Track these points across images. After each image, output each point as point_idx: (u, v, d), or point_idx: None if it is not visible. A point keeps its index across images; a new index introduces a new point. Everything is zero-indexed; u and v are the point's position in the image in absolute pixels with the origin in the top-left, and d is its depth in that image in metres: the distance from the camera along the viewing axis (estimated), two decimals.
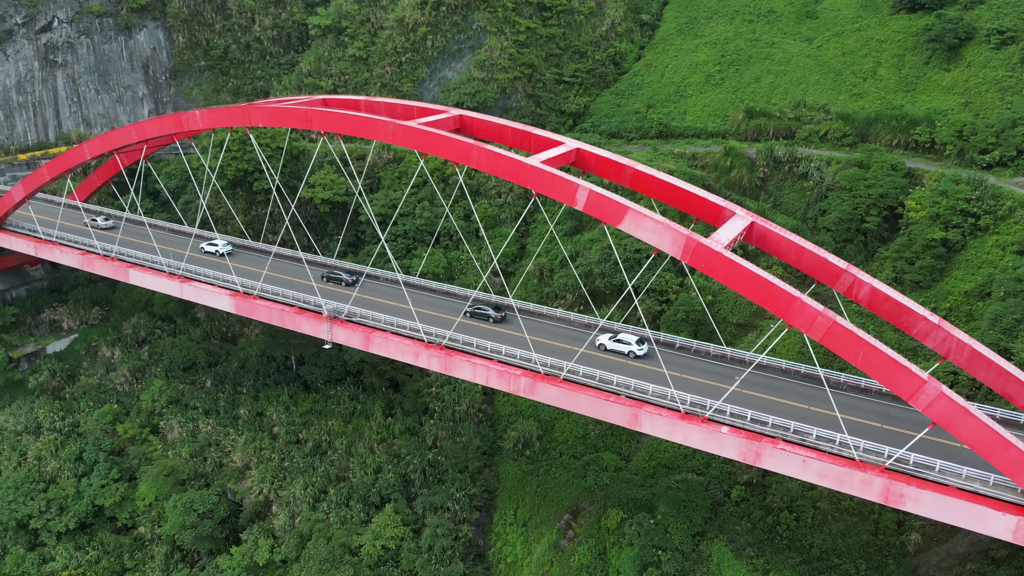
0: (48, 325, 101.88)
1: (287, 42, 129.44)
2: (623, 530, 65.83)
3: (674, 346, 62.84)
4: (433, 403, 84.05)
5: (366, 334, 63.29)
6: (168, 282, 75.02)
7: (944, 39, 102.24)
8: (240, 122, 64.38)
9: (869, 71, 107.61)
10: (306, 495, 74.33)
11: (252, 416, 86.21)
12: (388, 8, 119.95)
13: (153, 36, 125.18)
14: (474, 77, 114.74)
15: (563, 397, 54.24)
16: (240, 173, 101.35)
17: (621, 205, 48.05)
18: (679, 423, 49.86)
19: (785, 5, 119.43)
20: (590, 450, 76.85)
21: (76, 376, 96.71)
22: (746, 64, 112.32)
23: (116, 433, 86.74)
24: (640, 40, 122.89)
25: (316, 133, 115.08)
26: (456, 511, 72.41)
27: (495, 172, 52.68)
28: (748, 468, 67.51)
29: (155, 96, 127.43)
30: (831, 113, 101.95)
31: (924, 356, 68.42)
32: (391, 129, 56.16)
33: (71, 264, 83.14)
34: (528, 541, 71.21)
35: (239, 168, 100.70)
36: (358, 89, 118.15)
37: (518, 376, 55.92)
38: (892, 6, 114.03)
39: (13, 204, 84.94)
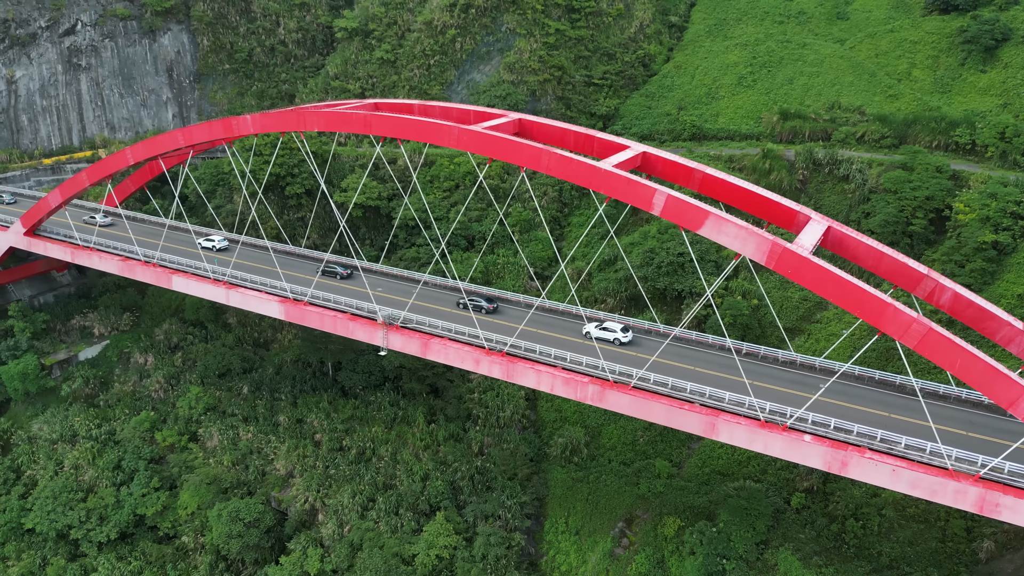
0: (79, 331, 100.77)
1: (312, 45, 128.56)
2: (682, 538, 64.97)
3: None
4: (476, 409, 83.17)
5: (424, 341, 62.38)
6: (213, 288, 74.03)
7: (980, 40, 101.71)
8: (294, 127, 63.43)
9: (903, 72, 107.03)
10: (354, 503, 73.35)
11: (292, 423, 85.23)
12: (415, 11, 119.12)
13: (177, 39, 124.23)
14: (503, 80, 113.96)
15: (634, 406, 53.37)
16: (272, 178, 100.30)
17: (702, 210, 47.25)
18: (759, 432, 49.04)
19: (816, 6, 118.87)
20: (640, 457, 76.02)
21: (109, 383, 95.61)
22: (778, 66, 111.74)
23: (155, 441, 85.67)
24: (668, 42, 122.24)
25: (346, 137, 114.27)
26: (508, 519, 71.51)
27: (566, 176, 51.82)
28: (808, 475, 66.75)
29: (179, 100, 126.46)
30: (867, 115, 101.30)
31: None
32: (456, 134, 55.30)
33: (110, 270, 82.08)
34: (582, 549, 70.32)
35: (272, 172, 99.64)
36: (386, 92, 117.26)
37: (585, 384, 55.05)
38: (924, 7, 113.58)
39: (49, 210, 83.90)
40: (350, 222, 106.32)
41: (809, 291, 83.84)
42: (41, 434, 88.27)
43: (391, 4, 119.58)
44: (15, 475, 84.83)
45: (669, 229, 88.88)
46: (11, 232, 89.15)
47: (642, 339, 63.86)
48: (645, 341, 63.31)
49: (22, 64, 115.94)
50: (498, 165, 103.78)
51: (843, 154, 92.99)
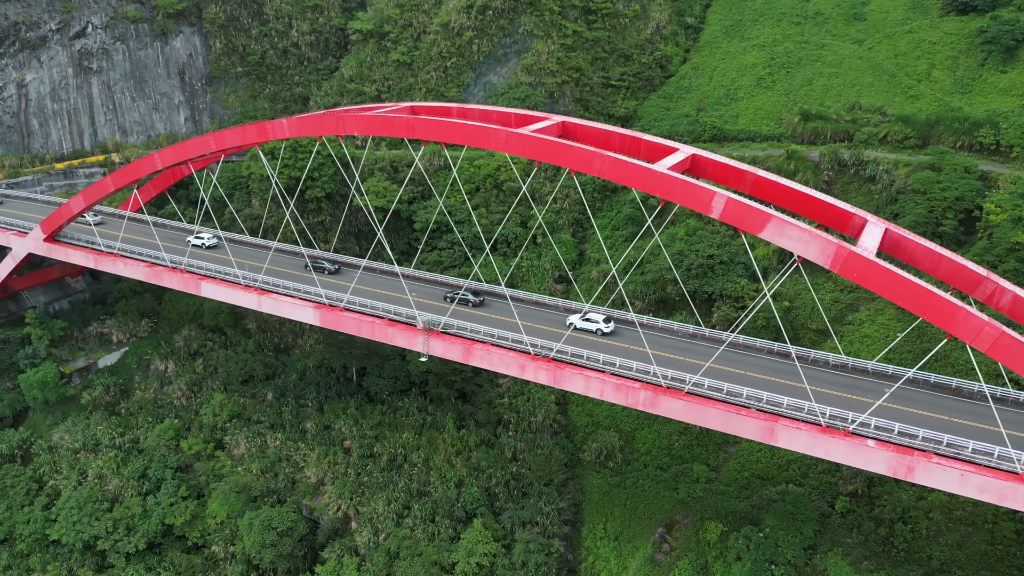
0: (97, 338, 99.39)
1: (325, 47, 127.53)
2: (727, 544, 64.46)
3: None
4: (507, 414, 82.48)
5: (466, 346, 61.58)
6: (245, 294, 72.98)
7: (1000, 41, 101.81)
8: (332, 131, 62.54)
9: (923, 73, 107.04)
10: (389, 511, 72.47)
11: (319, 430, 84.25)
12: (431, 12, 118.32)
13: (189, 42, 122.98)
14: (521, 82, 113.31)
15: (688, 412, 52.77)
16: (292, 181, 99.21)
17: (763, 213, 46.71)
18: (820, 437, 48.52)
19: (832, 7, 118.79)
20: (676, 461, 75.45)
21: (130, 391, 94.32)
22: (796, 66, 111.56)
23: (180, 449, 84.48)
24: (685, 43, 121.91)
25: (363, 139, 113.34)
26: (546, 525, 70.79)
27: (619, 180, 51.17)
28: (852, 478, 66.34)
29: (191, 103, 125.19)
30: (888, 115, 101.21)
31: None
32: (504, 137, 54.57)
33: (136, 276, 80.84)
34: (622, 555, 69.69)
35: (292, 176, 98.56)
36: (402, 94, 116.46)
37: (637, 390, 54.41)
38: (941, 8, 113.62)
39: (71, 215, 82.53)
40: (369, 225, 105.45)
41: (840, 293, 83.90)
42: (62, 443, 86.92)
43: (406, 6, 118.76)
44: (37, 485, 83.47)
45: (697, 231, 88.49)
46: (30, 238, 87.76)
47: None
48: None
49: (32, 67, 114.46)
50: (519, 168, 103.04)
51: (869, 155, 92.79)
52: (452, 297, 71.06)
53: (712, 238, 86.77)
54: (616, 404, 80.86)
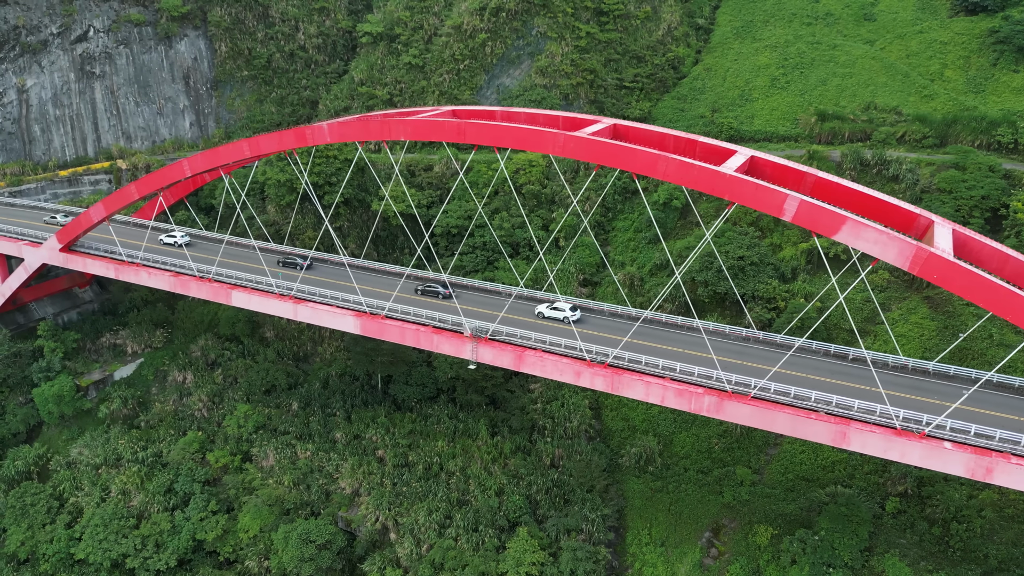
0: (110, 350, 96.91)
1: (332, 50, 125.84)
2: (779, 547, 64.13)
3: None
4: (542, 420, 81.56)
5: (517, 354, 60.61)
6: (279, 304, 71.36)
7: (1013, 40, 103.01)
8: (376, 136, 61.26)
9: (936, 73, 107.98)
10: (431, 521, 71.19)
11: (349, 439, 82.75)
12: (441, 15, 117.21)
13: (194, 45, 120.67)
14: (536, 84, 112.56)
15: (756, 416, 52.29)
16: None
17: (839, 215, 46.32)
18: (895, 440, 48.26)
19: (842, 8, 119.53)
20: (717, 464, 75.02)
21: (148, 403, 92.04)
22: (810, 67, 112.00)
23: (206, 462, 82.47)
24: (696, 44, 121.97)
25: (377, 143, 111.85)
26: (591, 532, 69.99)
27: (685, 183, 50.58)
28: (901, 479, 66.34)
29: (196, 107, 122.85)
30: (903, 115, 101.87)
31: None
32: (562, 141, 53.74)
33: (160, 287, 78.78)
34: (669, 561, 69.09)
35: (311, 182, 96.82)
36: (415, 98, 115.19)
37: (701, 395, 53.83)
38: (950, 8, 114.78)
39: (90, 225, 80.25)
40: (388, 231, 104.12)
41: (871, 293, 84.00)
42: (81, 459, 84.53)
43: (416, 8, 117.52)
44: (58, 503, 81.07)
45: (726, 232, 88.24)
46: (44, 248, 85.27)
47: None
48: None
49: (33, 72, 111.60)
50: (538, 171, 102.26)
51: (891, 154, 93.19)
52: (422, 290, 73.29)
53: (741, 239, 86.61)
54: (653, 407, 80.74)
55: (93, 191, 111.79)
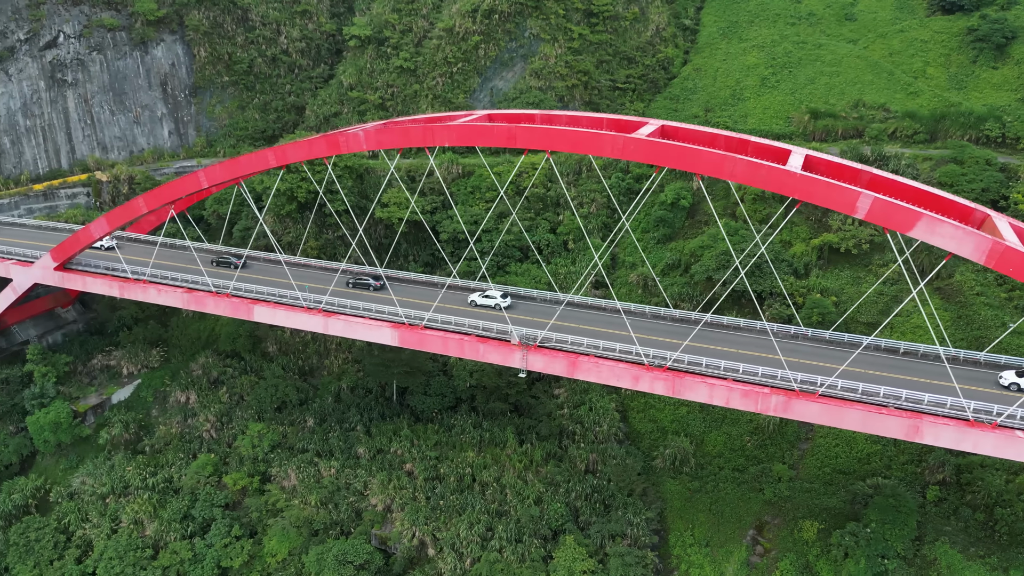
0: (104, 372, 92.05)
1: (317, 54, 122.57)
2: (828, 541, 64.79)
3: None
4: (571, 426, 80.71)
5: (571, 360, 59.61)
6: (307, 317, 68.71)
7: (991, 39, 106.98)
8: (419, 142, 59.51)
9: (919, 70, 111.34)
10: (472, 534, 69.55)
11: (372, 454, 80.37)
12: (430, 17, 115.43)
13: (171, 51, 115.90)
14: (531, 86, 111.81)
15: (825, 414, 52.53)
16: (310, 195, 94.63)
17: (914, 212, 46.84)
18: (968, 431, 49.07)
19: (824, 8, 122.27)
20: (752, 462, 75.43)
21: (150, 426, 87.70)
22: (797, 66, 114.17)
23: (223, 485, 78.93)
24: (684, 45, 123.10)
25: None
26: (636, 537, 69.48)
27: (753, 183, 50.56)
28: (940, 468, 67.80)
29: (175, 115, 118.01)
30: (891, 112, 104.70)
31: None
32: (620, 143, 53.03)
33: (172, 304, 75.03)
34: (716, 561, 69.07)
35: (310, 191, 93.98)
36: (407, 102, 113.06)
37: (767, 395, 53.83)
38: (928, 8, 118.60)
39: (90, 241, 75.99)
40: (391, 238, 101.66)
41: (883, 286, 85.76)
42: (85, 489, 79.98)
43: (404, 10, 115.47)
44: (65, 537, 76.54)
45: (739, 231, 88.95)
46: (37, 267, 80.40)
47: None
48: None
49: (0, 81, 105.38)
50: (542, 174, 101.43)
51: (888, 151, 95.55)
52: (354, 283, 74.91)
53: (754, 237, 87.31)
54: (681, 408, 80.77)
55: (71, 205, 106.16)
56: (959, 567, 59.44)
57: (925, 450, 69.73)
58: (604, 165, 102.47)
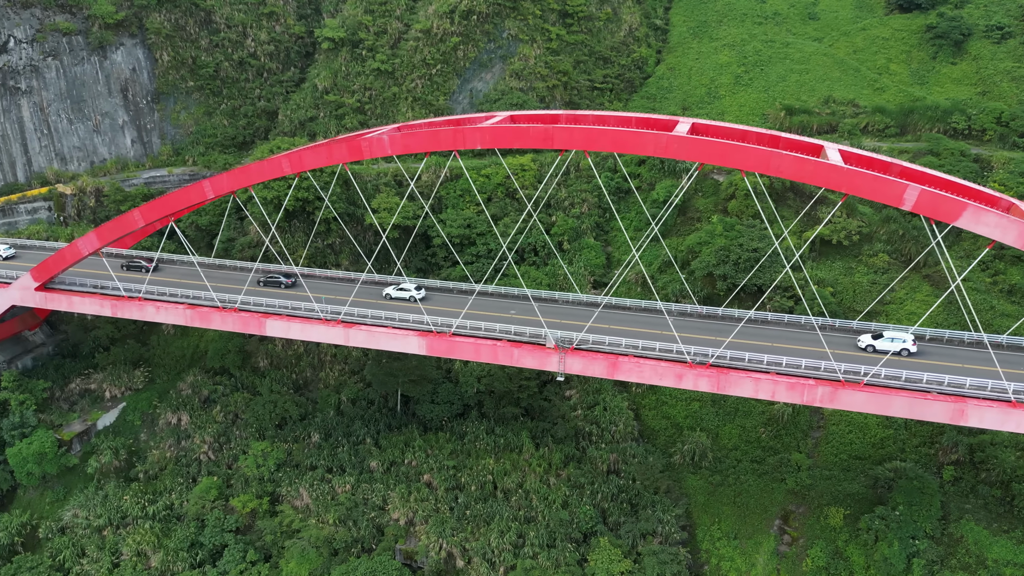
0: (86, 397, 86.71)
1: (286, 58, 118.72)
2: (856, 526, 66.35)
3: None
4: (587, 427, 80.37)
5: (611, 361, 59.22)
6: (326, 330, 66.19)
7: (950, 36, 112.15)
8: (448, 145, 58.03)
9: (883, 67, 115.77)
10: (504, 542, 68.39)
11: (386, 467, 78.22)
12: (404, 18, 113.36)
13: (131, 55, 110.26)
14: (511, 87, 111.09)
15: (871, 402, 53.69)
16: (298, 203, 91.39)
17: (959, 202, 48.33)
18: (1012, 412, 50.95)
19: (788, 7, 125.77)
20: (769, 453, 76.65)
21: (141, 452, 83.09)
22: (768, 64, 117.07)
23: (232, 509, 75.34)
24: (656, 44, 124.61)
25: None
26: (667, 534, 69.66)
27: (799, 178, 51.14)
28: (953, 448, 70.28)
29: (137, 123, 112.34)
30: (860, 107, 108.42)
31: None
32: (664, 142, 52.96)
33: (174, 321, 71.11)
34: (746, 552, 69.88)
35: (298, 198, 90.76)
36: (386, 104, 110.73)
37: (813, 386, 54.68)
38: (886, 6, 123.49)
39: (77, 259, 71.31)
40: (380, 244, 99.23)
41: (875, 275, 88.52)
42: (78, 522, 75.15)
43: (378, 12, 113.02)
44: (62, 575, 71.55)
45: (735, 227, 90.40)
46: (15, 288, 75.06)
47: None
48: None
49: None
50: (531, 175, 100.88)
51: (867, 144, 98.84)
52: (265, 281, 75.42)
53: (751, 232, 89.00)
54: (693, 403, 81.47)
55: (31, 221, 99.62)
56: (986, 543, 61.75)
57: (936, 432, 72.31)
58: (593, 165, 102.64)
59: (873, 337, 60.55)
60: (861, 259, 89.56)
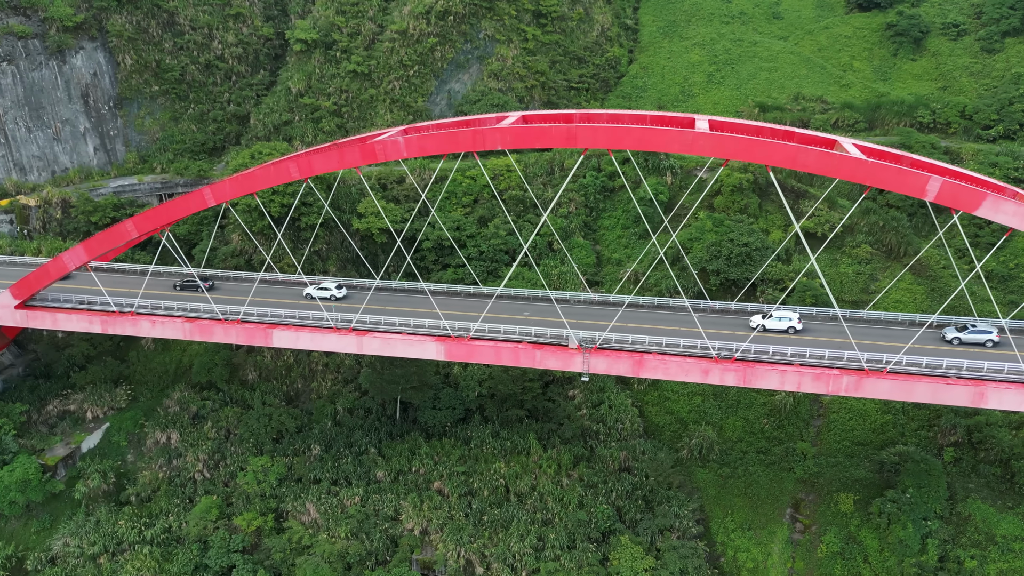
0: (66, 419, 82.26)
1: (255, 60, 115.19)
2: (867, 510, 68.12)
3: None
4: (594, 426, 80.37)
5: (636, 359, 59.28)
6: (337, 339, 64.34)
7: (909, 33, 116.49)
8: (467, 146, 57.05)
9: (847, 64, 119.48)
10: (525, 546, 67.76)
11: (393, 476, 76.63)
12: (377, 19, 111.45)
13: (92, 59, 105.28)
14: (490, 88, 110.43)
15: (896, 390, 55.17)
16: (283, 210, 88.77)
17: (979, 192, 50.02)
18: None
19: (753, 7, 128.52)
20: (773, 443, 78.07)
21: (131, 473, 79.37)
22: (738, 63, 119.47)
23: (237, 528, 72.55)
24: (628, 44, 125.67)
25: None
26: (684, 528, 70.18)
27: (825, 172, 52.12)
28: (952, 430, 72.80)
29: (99, 130, 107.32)
30: (829, 103, 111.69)
31: None
32: (691, 139, 53.21)
33: (171, 336, 68.02)
34: (760, 542, 70.97)
35: (283, 204, 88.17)
36: (363, 107, 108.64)
37: (838, 376, 55.84)
38: (845, 6, 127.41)
39: (63, 273, 67.51)
40: (367, 249, 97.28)
41: (859, 266, 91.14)
42: (69, 551, 71.26)
43: (350, 12, 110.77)
44: None
45: (724, 222, 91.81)
46: None
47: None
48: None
49: None
50: (516, 176, 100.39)
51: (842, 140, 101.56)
52: (183, 285, 74.74)
53: (741, 227, 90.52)
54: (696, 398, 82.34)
55: None
56: (993, 520, 64.22)
57: (934, 415, 74.86)
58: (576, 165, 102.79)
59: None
60: (844, 250, 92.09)
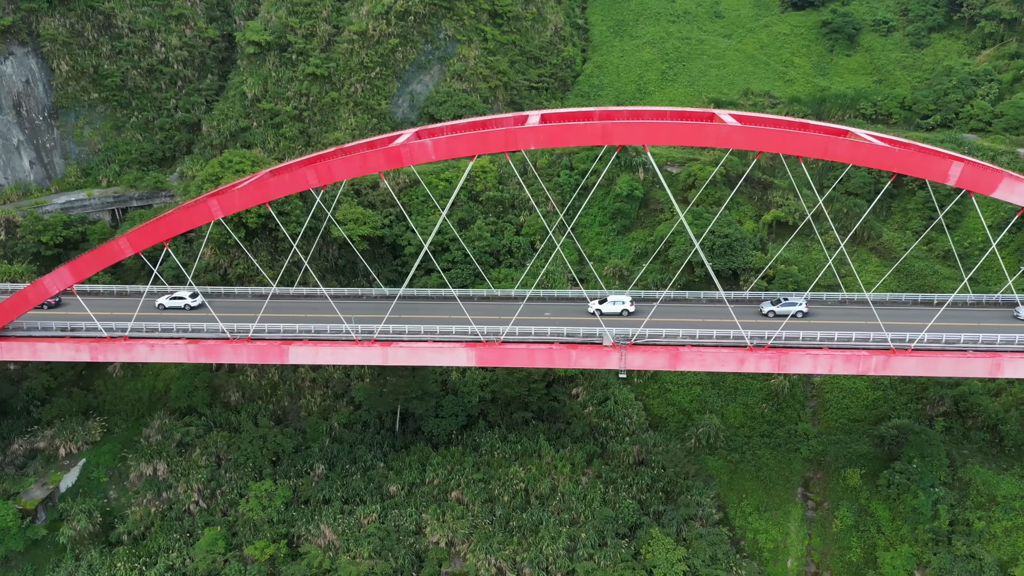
0: (37, 458, 75.29)
1: (202, 63, 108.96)
2: (875, 483, 71.53)
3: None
4: (602, 422, 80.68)
5: (672, 353, 59.88)
6: (361, 351, 61.75)
7: (844, 30, 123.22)
8: (499, 147, 55.92)
9: (788, 60, 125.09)
10: (558, 547, 67.23)
11: (407, 489, 74.39)
12: (331, 19, 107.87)
13: (23, 66, 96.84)
14: (454, 88, 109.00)
15: (921, 366, 58.15)
16: (261, 219, 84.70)
17: (997, 173, 53.46)
18: None
19: (695, 6, 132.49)
20: (775, 426, 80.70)
21: (118, 511, 73.52)
22: (688, 60, 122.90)
23: (249, 558, 68.44)
24: (580, 43, 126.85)
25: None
26: (707, 516, 71.53)
27: (854, 160, 54.15)
28: (940, 401, 77.40)
29: (34, 142, 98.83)
30: (776, 98, 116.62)
31: None
32: (725, 132, 54.27)
33: (174, 359, 63.29)
34: (777, 523, 73.24)
35: (260, 214, 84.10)
36: (326, 111, 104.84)
37: (868, 356, 58.30)
38: (781, 4, 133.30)
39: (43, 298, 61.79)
40: (345, 258, 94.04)
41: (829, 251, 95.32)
42: None
43: (303, 13, 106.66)
44: None
45: (703, 215, 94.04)
46: None
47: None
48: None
49: None
50: (493, 176, 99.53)
51: None
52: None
53: (721, 219, 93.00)
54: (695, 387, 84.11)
55: None
56: (993, 482, 68.77)
57: (920, 388, 79.39)
58: (549, 164, 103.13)
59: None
60: (813, 237, 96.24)
